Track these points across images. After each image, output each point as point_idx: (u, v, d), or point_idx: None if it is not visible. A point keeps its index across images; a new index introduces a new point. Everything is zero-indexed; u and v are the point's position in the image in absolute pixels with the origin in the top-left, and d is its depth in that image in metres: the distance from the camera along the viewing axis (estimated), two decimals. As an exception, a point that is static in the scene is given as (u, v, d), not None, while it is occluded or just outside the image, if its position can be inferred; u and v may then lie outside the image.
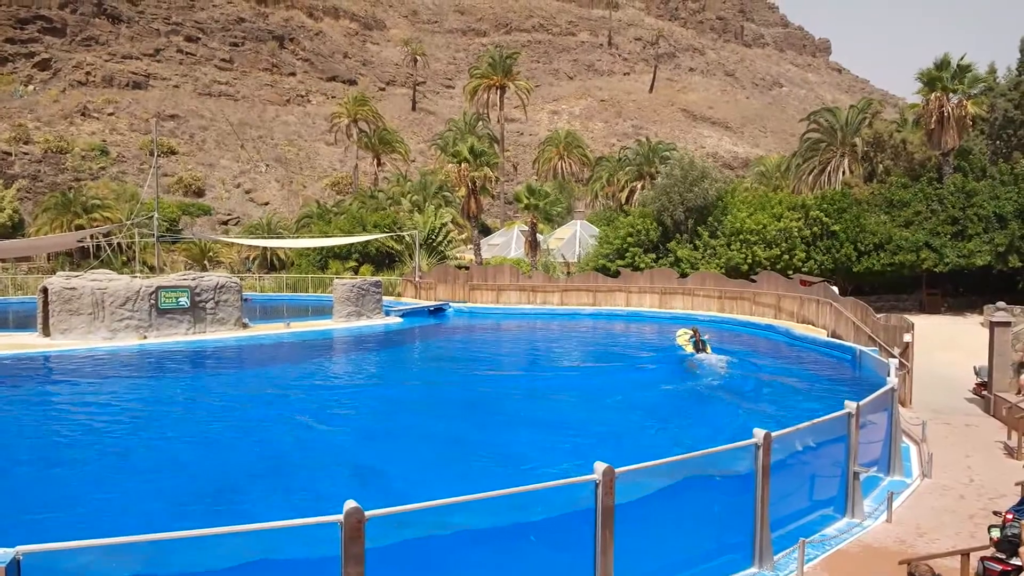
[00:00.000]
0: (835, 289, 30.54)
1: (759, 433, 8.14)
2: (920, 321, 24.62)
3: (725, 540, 8.25)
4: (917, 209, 39.09)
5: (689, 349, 23.50)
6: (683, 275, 38.86)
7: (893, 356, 17.40)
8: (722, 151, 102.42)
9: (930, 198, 39.10)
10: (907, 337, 19.18)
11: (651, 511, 7.46)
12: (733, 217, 40.33)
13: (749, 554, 8.25)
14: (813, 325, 29.69)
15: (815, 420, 9.44)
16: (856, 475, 10.00)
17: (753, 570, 8.14)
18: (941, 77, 38.81)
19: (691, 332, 24.11)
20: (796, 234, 39.10)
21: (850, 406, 9.98)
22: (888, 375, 13.20)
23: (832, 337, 26.17)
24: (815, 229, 39.27)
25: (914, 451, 13.53)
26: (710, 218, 41.09)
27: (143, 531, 4.76)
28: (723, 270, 39.00)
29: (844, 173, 44.77)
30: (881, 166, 43.19)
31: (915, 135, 42.97)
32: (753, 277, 36.53)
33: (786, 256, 39.04)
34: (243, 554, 5.22)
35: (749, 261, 39.10)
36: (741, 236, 39.64)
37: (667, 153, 52.91)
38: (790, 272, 37.35)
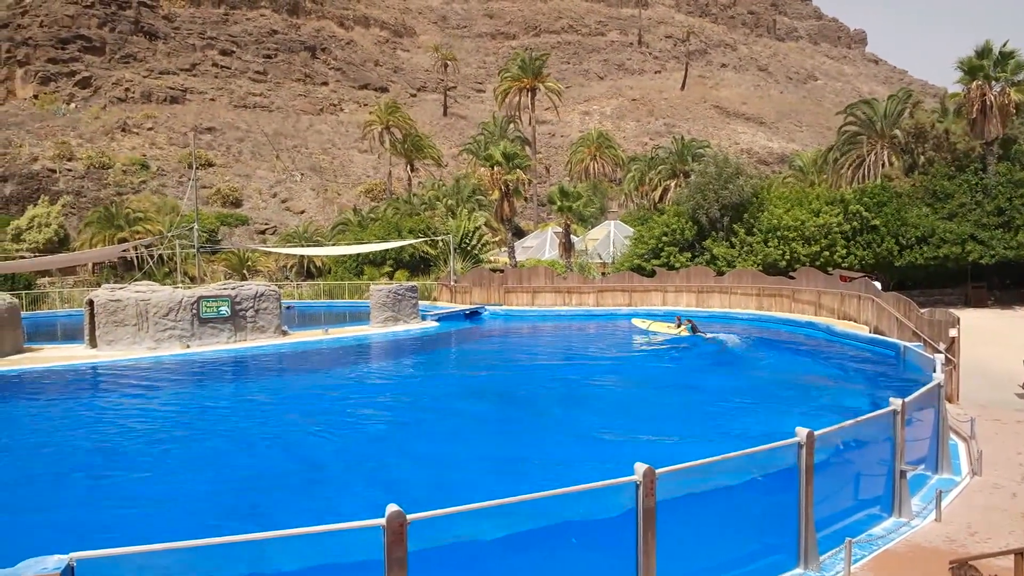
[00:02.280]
0: (877, 284, 29.97)
1: (802, 432, 8.02)
2: (966, 315, 24.06)
3: (769, 540, 8.14)
4: (961, 201, 38.20)
5: (684, 332, 28.53)
6: (720, 273, 38.46)
7: (939, 351, 17.02)
8: (757, 147, 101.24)
9: (975, 189, 38.17)
10: (953, 332, 18.73)
11: (693, 511, 7.39)
12: (770, 213, 39.83)
13: (794, 554, 8.13)
14: (855, 321, 29.16)
15: (859, 418, 9.27)
16: (903, 473, 9.79)
17: (799, 571, 8.03)
18: (983, 65, 37.90)
19: (676, 321, 29.55)
20: (835, 229, 38.47)
21: (895, 403, 9.78)
22: (934, 371, 12.91)
23: (874, 333, 25.67)
24: (855, 224, 38.59)
25: (962, 448, 13.21)
26: (746, 215, 40.63)
27: (196, 536, 4.84)
28: (760, 267, 38.53)
29: (884, 166, 43.95)
30: (923, 158, 42.29)
31: (957, 125, 42.01)
32: (792, 274, 36.03)
33: (825, 252, 38.43)
34: (296, 559, 5.30)
35: (787, 258, 38.58)
36: (778, 232, 39.13)
37: (700, 151, 52.49)
38: (830, 268, 36.76)
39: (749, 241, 39.95)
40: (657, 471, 6.44)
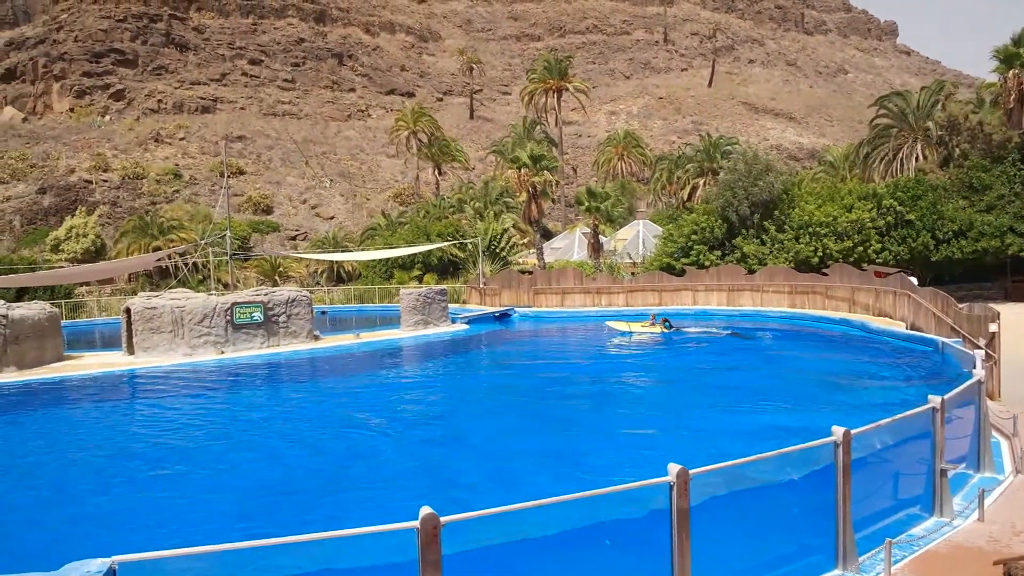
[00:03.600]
0: (913, 280, 29.45)
1: (838, 431, 7.91)
2: (1006, 310, 23.50)
3: (806, 541, 8.04)
4: (1000, 192, 37.36)
5: (659, 329, 29.19)
6: (751, 271, 38.06)
7: (978, 347, 16.66)
8: (786, 143, 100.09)
9: (1013, 180, 37.32)
10: (993, 327, 18.31)
11: (728, 512, 7.32)
12: (801, 210, 39.33)
13: (832, 556, 8.01)
14: (890, 318, 28.68)
15: (897, 416, 9.11)
16: (943, 472, 9.60)
17: (837, 572, 7.91)
18: (1019, 53, 37.10)
19: (650, 319, 30.24)
20: (869, 225, 37.86)
21: (934, 400, 9.60)
22: (974, 367, 12.65)
23: (911, 329, 25.22)
24: (889, 219, 37.95)
25: (1005, 446, 12.91)
26: (777, 212, 40.16)
27: (238, 539, 4.91)
28: (792, 264, 38.06)
29: (917, 159, 43.16)
30: (958, 150, 41.44)
31: (993, 115, 41.13)
32: (824, 271, 35.53)
33: (859, 248, 37.84)
34: (331, 560, 5.35)
35: (819, 254, 38.06)
36: (810, 229, 38.62)
37: (729, 148, 52.01)
38: (864, 264, 36.19)
39: (780, 238, 39.48)
40: (691, 472, 6.39)
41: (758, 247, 39.84)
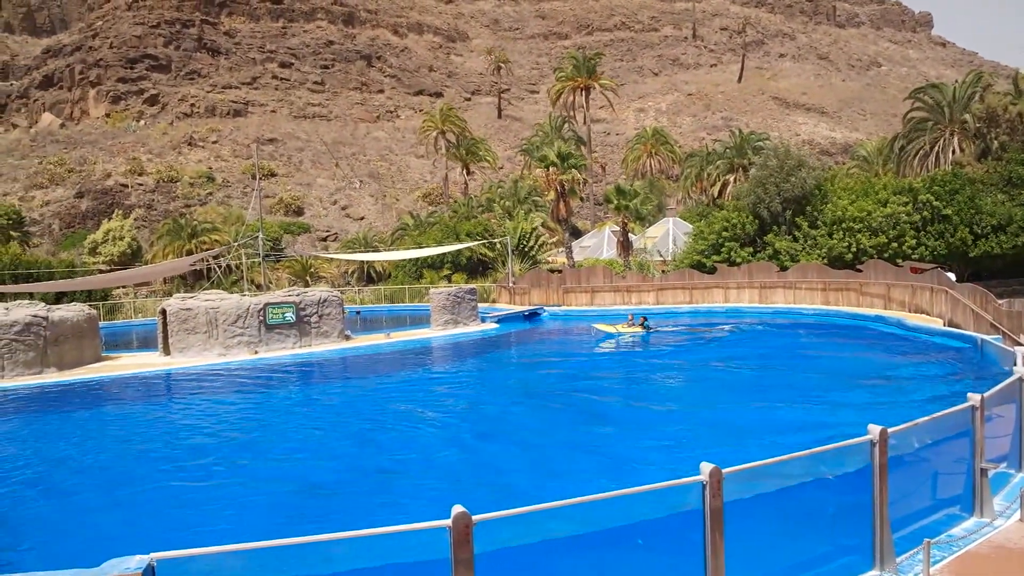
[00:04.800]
0: (951, 275, 28.90)
1: (874, 429, 7.79)
2: (1048, 305, 22.96)
3: (842, 542, 7.93)
4: (1040, 186, 36.53)
5: (638, 330, 29.49)
6: (783, 268, 37.61)
7: (1020, 344, 16.30)
8: (819, 137, 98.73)
9: (1054, 173, 36.48)
10: (1034, 323, 17.92)
11: (762, 511, 7.25)
12: (834, 205, 38.77)
13: (869, 556, 7.90)
14: (927, 314, 28.16)
15: (935, 414, 8.95)
16: (983, 472, 9.41)
17: (874, 573, 7.79)
18: (1059, 42, 36.14)
19: (629, 320, 30.39)
20: (904, 220, 37.21)
21: (973, 398, 9.41)
22: (1015, 364, 12.37)
23: (949, 326, 24.75)
24: (925, 213, 37.26)
25: (1048, 445, 12.60)
26: (809, 207, 39.63)
27: (275, 536, 4.97)
28: (825, 261, 37.54)
29: (954, 152, 42.33)
30: (996, 142, 40.56)
31: (1032, 107, 40.19)
32: (859, 267, 34.99)
33: (894, 243, 37.20)
34: (365, 558, 5.40)
35: (853, 250, 37.49)
36: (844, 225, 38.05)
37: (760, 143, 51.46)
38: (899, 260, 35.58)
39: (813, 234, 38.95)
40: (724, 471, 6.34)
41: (790, 243, 39.36)
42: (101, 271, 50.92)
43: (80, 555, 8.70)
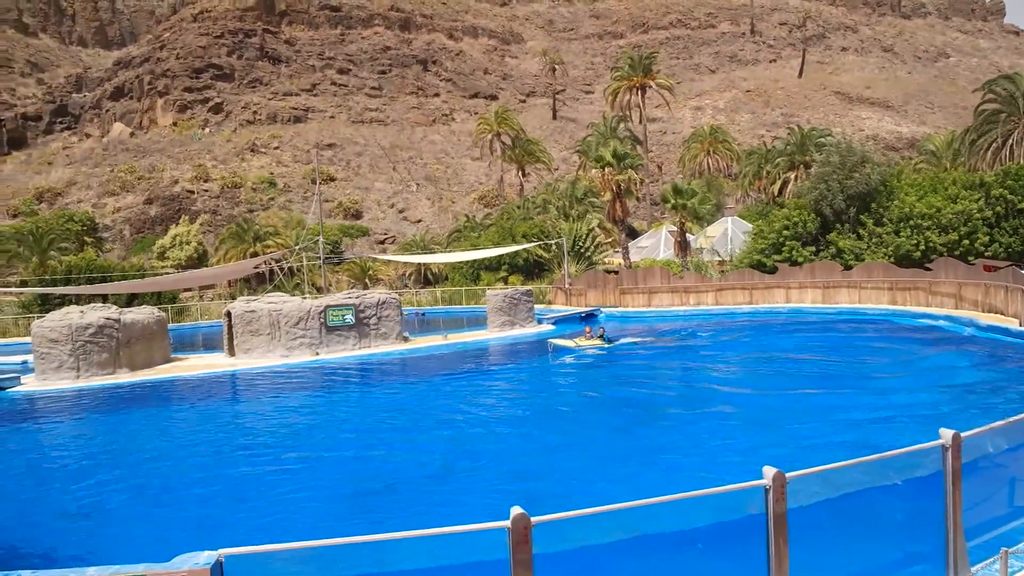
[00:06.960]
0: (1027, 273, 27.67)
1: (946, 434, 7.52)
2: None
3: (912, 549, 7.68)
4: (1123, 178, 34.76)
5: (598, 342, 27.17)
6: (847, 267, 36.60)
7: (1102, 345, 15.53)
8: (883, 132, 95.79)
9: None
10: (1119, 323, 17.04)
11: (827, 517, 7.08)
12: (901, 202, 37.56)
13: (941, 564, 7.62)
14: (1002, 314, 27.04)
15: (1012, 418, 8.59)
16: (1065, 478, 9.00)
17: (947, 582, 7.52)
18: None
19: (586, 333, 28.25)
20: (976, 216, 35.81)
21: (1053, 402, 9.01)
22: (1098, 366, 11.80)
23: (1025, 326, 23.72)
24: (998, 209, 35.79)
25: None
26: (874, 204, 38.47)
27: (344, 534, 5.07)
28: (892, 259, 36.38)
29: (1029, 145, 40.59)
30: (1074, 134, 38.79)
31: (1115, 95, 38.27)
32: (928, 265, 33.81)
33: (965, 241, 35.84)
34: (424, 558, 5.46)
35: (922, 248, 36.24)
36: (911, 222, 36.83)
37: (822, 139, 50.21)
38: (971, 257, 34.26)
39: (878, 232, 37.80)
40: (788, 475, 6.21)
41: (854, 242, 38.28)
42: (169, 274, 52.68)
43: (152, 549, 9.01)
